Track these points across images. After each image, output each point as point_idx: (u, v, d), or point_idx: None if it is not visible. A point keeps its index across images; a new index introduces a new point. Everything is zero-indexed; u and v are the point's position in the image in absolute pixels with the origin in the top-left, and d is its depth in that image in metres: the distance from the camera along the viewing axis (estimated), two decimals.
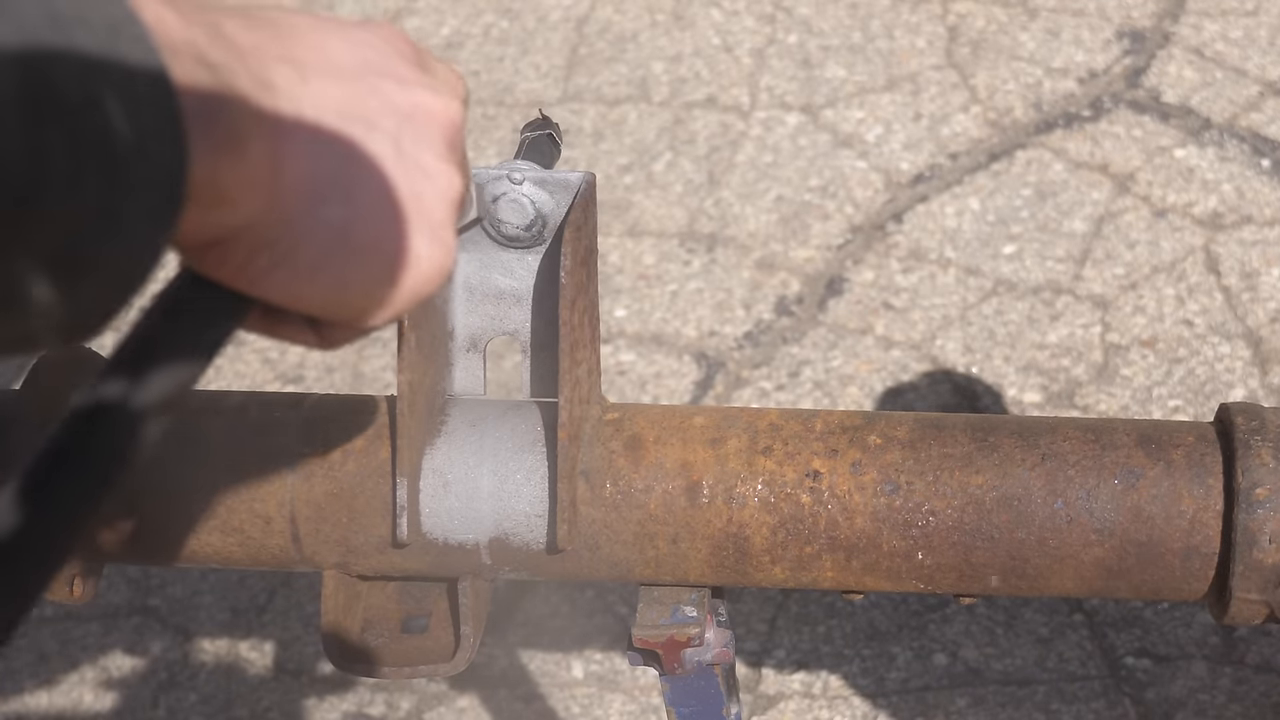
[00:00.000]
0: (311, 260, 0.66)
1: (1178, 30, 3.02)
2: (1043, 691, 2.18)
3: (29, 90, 0.52)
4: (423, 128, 0.71)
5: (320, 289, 0.67)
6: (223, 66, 0.61)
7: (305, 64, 0.66)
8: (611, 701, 2.22)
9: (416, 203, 0.70)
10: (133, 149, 0.55)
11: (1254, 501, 0.98)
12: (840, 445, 1.03)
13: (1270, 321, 2.55)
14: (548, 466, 1.02)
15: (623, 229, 2.80)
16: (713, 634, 1.07)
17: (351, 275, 0.67)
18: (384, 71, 0.70)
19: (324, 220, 0.65)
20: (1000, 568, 1.02)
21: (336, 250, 0.66)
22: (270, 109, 0.63)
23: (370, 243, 0.68)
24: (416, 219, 0.70)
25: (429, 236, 0.70)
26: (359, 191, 0.67)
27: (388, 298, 0.70)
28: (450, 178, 0.72)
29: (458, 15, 3.23)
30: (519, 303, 1.04)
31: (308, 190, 0.64)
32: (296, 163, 0.64)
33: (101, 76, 0.54)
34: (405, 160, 0.69)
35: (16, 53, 0.52)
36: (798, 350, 2.59)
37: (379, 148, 0.68)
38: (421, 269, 0.71)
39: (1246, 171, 2.77)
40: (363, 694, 2.24)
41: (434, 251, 0.71)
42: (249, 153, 0.61)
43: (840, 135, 2.92)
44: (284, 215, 0.64)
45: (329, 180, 0.65)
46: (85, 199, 0.54)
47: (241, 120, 0.61)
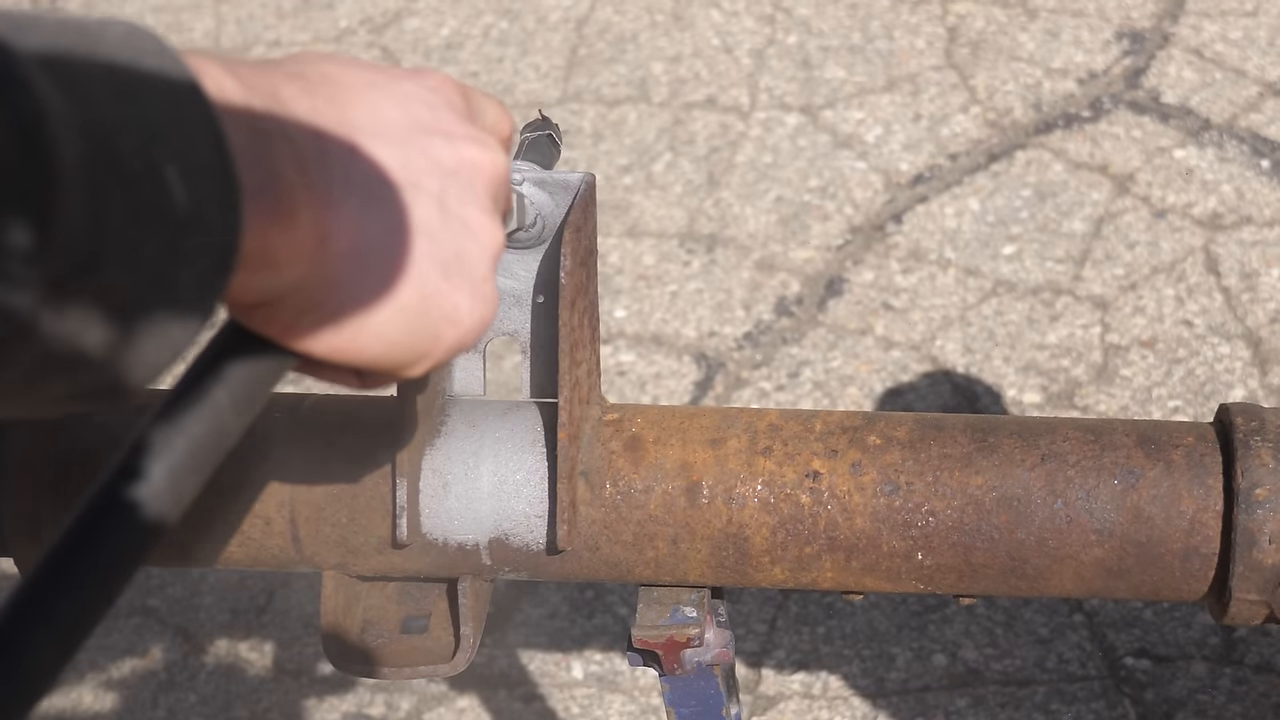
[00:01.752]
0: (356, 321, 0.67)
1: (1177, 31, 3.03)
2: (1043, 691, 2.18)
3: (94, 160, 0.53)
4: (467, 184, 0.72)
5: (364, 347, 0.68)
6: (278, 135, 0.62)
7: (357, 129, 0.67)
8: (611, 701, 2.22)
9: (459, 262, 0.71)
10: (189, 217, 0.56)
11: (1254, 502, 0.98)
12: (840, 446, 1.03)
13: (1270, 322, 2.55)
14: (547, 467, 1.02)
15: (623, 229, 2.80)
16: (712, 634, 1.07)
17: (395, 335, 0.69)
18: (433, 128, 0.72)
19: (369, 283, 0.67)
20: (1000, 568, 1.02)
21: (381, 311, 0.68)
22: (321, 179, 0.64)
23: (414, 303, 0.69)
24: (459, 277, 0.71)
25: (470, 292, 0.72)
26: (404, 254, 0.68)
27: (430, 353, 0.72)
28: (492, 231, 0.74)
29: (458, 16, 3.23)
30: (519, 303, 1.04)
31: (353, 255, 0.66)
32: (344, 230, 0.65)
33: (164, 146, 0.55)
34: (449, 220, 0.71)
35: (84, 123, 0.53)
36: (797, 351, 2.59)
37: (424, 211, 0.70)
38: (463, 325, 0.72)
39: (1246, 172, 2.77)
40: (363, 694, 2.24)
41: (475, 306, 0.73)
42: (299, 221, 0.63)
43: (840, 136, 2.92)
44: (329, 279, 0.65)
45: (375, 244, 0.67)
46: (141, 267, 0.55)
47: (294, 191, 0.62)
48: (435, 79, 0.75)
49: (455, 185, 0.72)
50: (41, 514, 1.03)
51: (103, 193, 0.53)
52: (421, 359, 0.72)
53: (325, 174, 0.65)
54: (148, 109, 0.55)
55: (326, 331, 0.67)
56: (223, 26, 3.27)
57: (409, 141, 0.70)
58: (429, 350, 0.72)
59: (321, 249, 0.64)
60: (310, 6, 3.29)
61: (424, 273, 0.69)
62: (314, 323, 0.66)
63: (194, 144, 0.57)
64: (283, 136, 0.62)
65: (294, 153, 0.63)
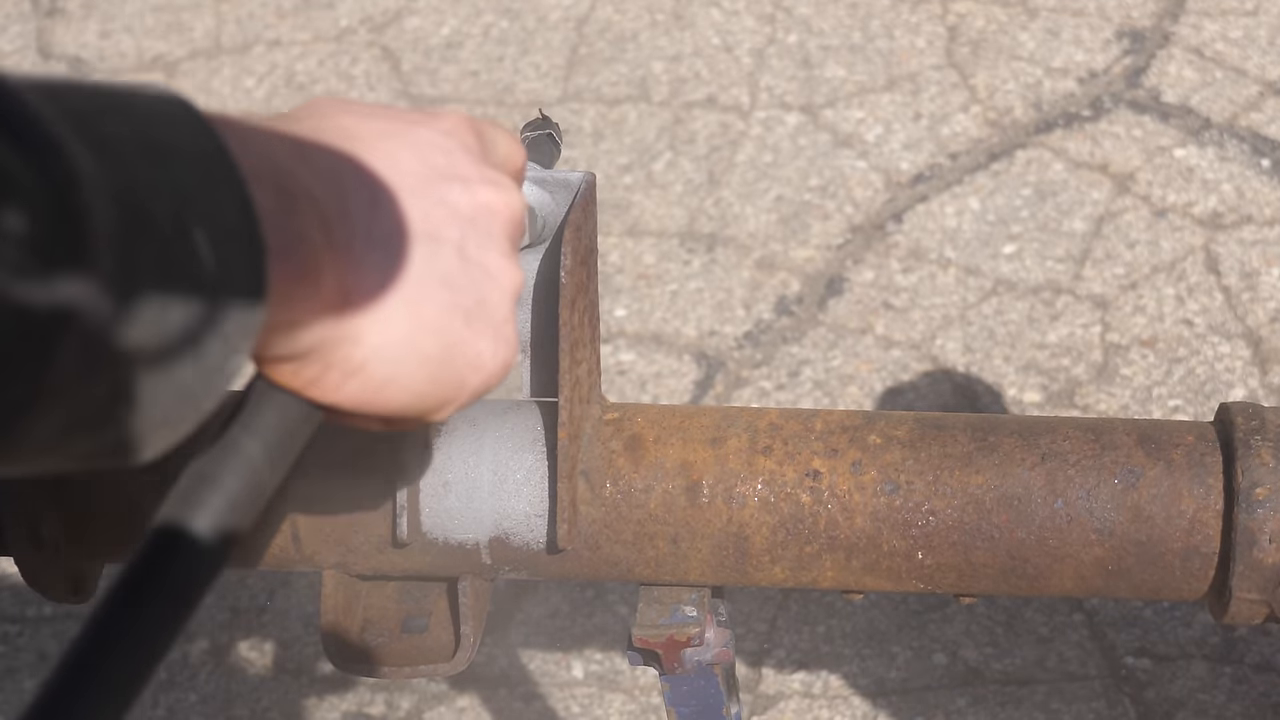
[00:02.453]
0: (381, 375, 0.68)
1: (1178, 30, 3.02)
2: (1043, 691, 2.18)
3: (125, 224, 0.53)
4: (485, 229, 0.73)
5: (391, 399, 0.70)
6: (303, 195, 0.63)
7: (377, 184, 0.68)
8: (611, 701, 2.22)
9: (480, 308, 0.72)
10: (215, 280, 0.57)
11: (1254, 501, 0.98)
12: (840, 445, 1.03)
13: (1270, 321, 2.55)
14: (547, 466, 1.02)
15: (623, 229, 2.80)
16: (713, 634, 1.07)
17: (420, 385, 0.70)
18: (450, 175, 0.72)
19: (393, 337, 0.68)
20: (1000, 567, 1.02)
21: (406, 364, 0.69)
22: (344, 238, 0.65)
23: (438, 353, 0.70)
24: (481, 323, 0.73)
25: (493, 336, 0.74)
26: (426, 306, 0.69)
27: (455, 398, 0.73)
28: (511, 274, 0.75)
29: (458, 15, 3.23)
30: (519, 303, 1.04)
31: (377, 310, 0.67)
32: (366, 288, 0.66)
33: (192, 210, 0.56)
34: (470, 267, 0.72)
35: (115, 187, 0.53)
36: (798, 350, 2.59)
37: (445, 261, 0.71)
38: (487, 369, 0.74)
39: (1246, 171, 2.77)
40: (363, 694, 2.24)
41: (499, 350, 0.74)
42: (322, 281, 0.64)
43: (840, 135, 2.92)
44: (354, 334, 0.66)
45: (397, 300, 0.68)
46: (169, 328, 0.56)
47: (318, 251, 0.63)
48: (449, 121, 0.75)
49: (474, 232, 0.72)
50: (41, 514, 1.03)
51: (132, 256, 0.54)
52: (446, 404, 0.73)
53: (348, 232, 0.66)
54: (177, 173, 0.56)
55: (352, 385, 0.68)
56: (223, 26, 3.27)
57: (428, 192, 0.71)
58: (454, 396, 0.73)
59: (345, 306, 0.65)
60: (310, 6, 3.29)
61: (447, 322, 0.70)
62: (340, 377, 0.67)
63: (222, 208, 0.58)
64: (307, 197, 0.63)
65: (318, 212, 0.64)
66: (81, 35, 3.28)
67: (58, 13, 3.33)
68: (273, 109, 3.08)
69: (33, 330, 0.51)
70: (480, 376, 0.73)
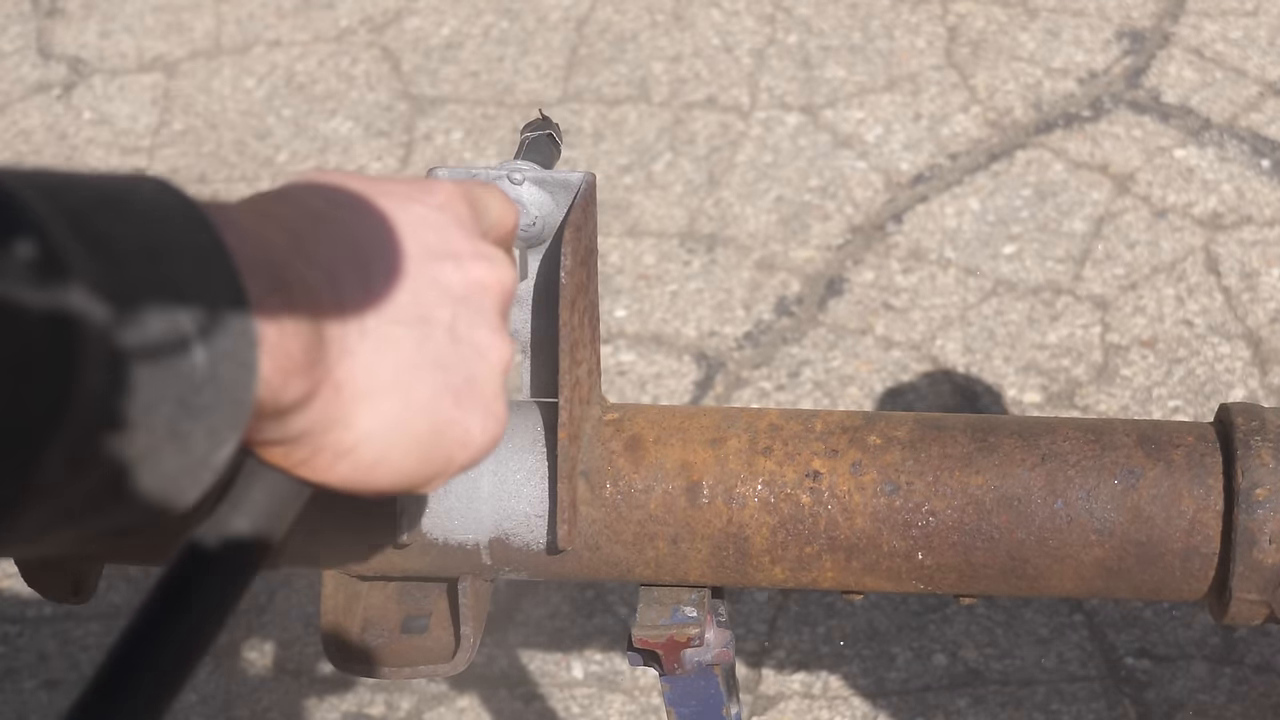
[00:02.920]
0: (371, 457, 0.69)
1: (1178, 30, 3.02)
2: (1043, 691, 2.18)
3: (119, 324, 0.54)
4: (477, 306, 0.74)
5: (379, 478, 0.70)
6: (298, 286, 0.63)
7: (370, 268, 0.69)
8: (611, 701, 2.22)
9: (470, 386, 0.73)
10: (206, 376, 0.57)
11: (1254, 502, 0.98)
12: (840, 445, 1.03)
13: (1270, 321, 2.55)
14: (548, 467, 1.02)
15: (623, 229, 2.80)
16: (713, 634, 1.07)
17: (409, 465, 0.71)
18: (442, 253, 0.73)
19: (382, 421, 0.68)
20: (1000, 568, 1.02)
21: (395, 446, 0.70)
22: (337, 329, 0.66)
23: (427, 434, 0.71)
24: (470, 401, 0.73)
25: (482, 413, 0.74)
26: (416, 390, 0.70)
27: (443, 473, 0.74)
28: (500, 349, 0.75)
29: (458, 15, 3.23)
30: (519, 303, 1.04)
31: (367, 397, 0.68)
32: (357, 375, 0.67)
33: (187, 308, 0.57)
34: (460, 346, 0.72)
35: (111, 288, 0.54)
36: (798, 350, 2.59)
37: (436, 343, 0.71)
38: (475, 445, 0.74)
39: (1246, 171, 2.77)
40: (363, 694, 2.24)
41: (488, 425, 0.74)
42: (314, 372, 0.64)
43: (840, 135, 2.92)
44: (343, 420, 0.67)
45: (388, 384, 0.68)
46: (157, 426, 0.56)
47: (310, 345, 0.64)
48: (442, 194, 0.75)
49: (465, 310, 0.73)
50: None
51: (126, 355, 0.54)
52: (434, 479, 0.74)
53: (341, 322, 0.66)
54: (174, 271, 0.57)
55: (343, 466, 0.68)
56: (223, 26, 3.27)
57: (421, 273, 0.71)
58: (442, 471, 0.73)
59: (335, 395, 0.66)
60: (310, 6, 3.29)
61: (437, 403, 0.71)
62: (330, 459, 0.68)
63: (217, 305, 0.58)
64: (302, 287, 0.64)
65: (311, 304, 0.64)
66: (81, 35, 3.28)
67: (58, 13, 3.33)
68: (273, 109, 3.08)
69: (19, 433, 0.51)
70: (468, 453, 0.74)
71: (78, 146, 3.06)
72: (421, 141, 3.00)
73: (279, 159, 3.00)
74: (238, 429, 0.60)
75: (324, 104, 3.09)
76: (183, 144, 3.05)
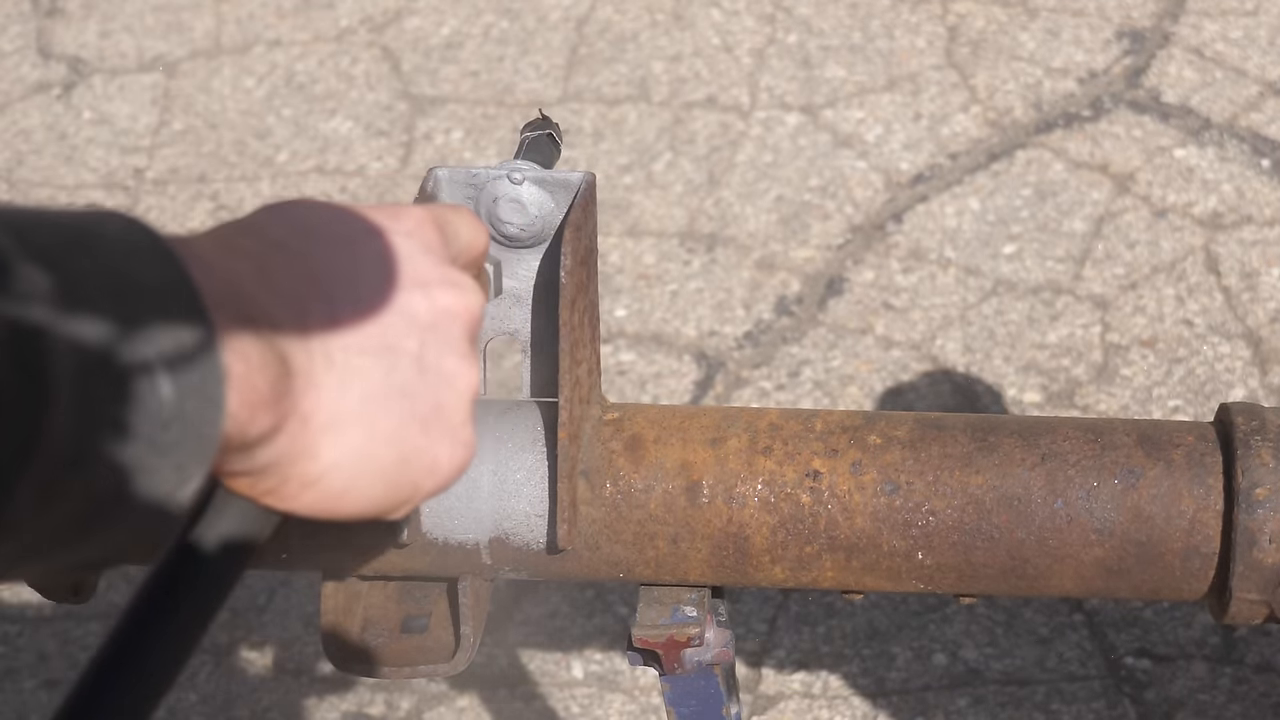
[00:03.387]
0: (338, 486, 0.69)
1: (1178, 30, 3.03)
2: (1043, 691, 2.18)
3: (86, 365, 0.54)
4: (444, 335, 0.73)
5: (346, 506, 0.70)
6: (263, 320, 0.63)
7: (337, 300, 0.69)
8: (611, 701, 2.22)
9: (437, 414, 0.73)
10: (174, 413, 0.58)
11: (1254, 501, 0.98)
12: (840, 445, 1.03)
13: (1270, 321, 2.55)
14: (548, 466, 1.02)
15: (623, 229, 2.80)
16: (713, 634, 1.07)
17: (376, 493, 0.71)
18: (410, 282, 0.72)
19: (349, 451, 0.68)
20: (1000, 567, 1.02)
21: (361, 476, 0.70)
22: (304, 363, 0.66)
23: (394, 463, 0.71)
24: (437, 429, 0.73)
25: (449, 441, 0.74)
26: (383, 420, 0.70)
27: (409, 501, 0.74)
28: (468, 376, 0.75)
29: (458, 15, 3.23)
30: (519, 303, 1.04)
31: (333, 428, 0.68)
32: (323, 407, 0.67)
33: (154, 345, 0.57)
34: (427, 375, 0.72)
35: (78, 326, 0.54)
36: (798, 350, 2.59)
37: (402, 374, 0.71)
38: (442, 473, 0.74)
39: (1246, 171, 2.77)
40: (363, 694, 2.24)
41: (455, 453, 0.74)
42: (280, 407, 0.64)
43: (840, 135, 2.92)
44: (309, 451, 0.67)
45: (354, 415, 0.68)
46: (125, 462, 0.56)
47: (276, 379, 0.64)
48: (410, 221, 0.75)
49: (433, 338, 0.73)
50: None
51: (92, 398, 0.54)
52: (401, 506, 0.73)
53: (308, 356, 0.66)
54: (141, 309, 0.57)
55: (309, 495, 0.68)
56: (223, 26, 3.27)
57: (387, 303, 0.71)
58: (409, 499, 0.73)
59: (302, 427, 0.66)
60: (310, 6, 3.29)
61: (403, 433, 0.71)
62: (295, 489, 0.68)
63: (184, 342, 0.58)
64: (268, 322, 0.64)
65: (277, 337, 0.64)
66: (81, 35, 3.28)
67: (58, 13, 3.33)
68: (273, 109, 3.08)
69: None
70: (435, 480, 0.74)
71: (78, 146, 3.06)
72: (421, 141, 3.00)
73: (279, 159, 3.00)
74: (205, 464, 0.60)
75: (324, 104, 3.09)
76: (183, 144, 3.05)
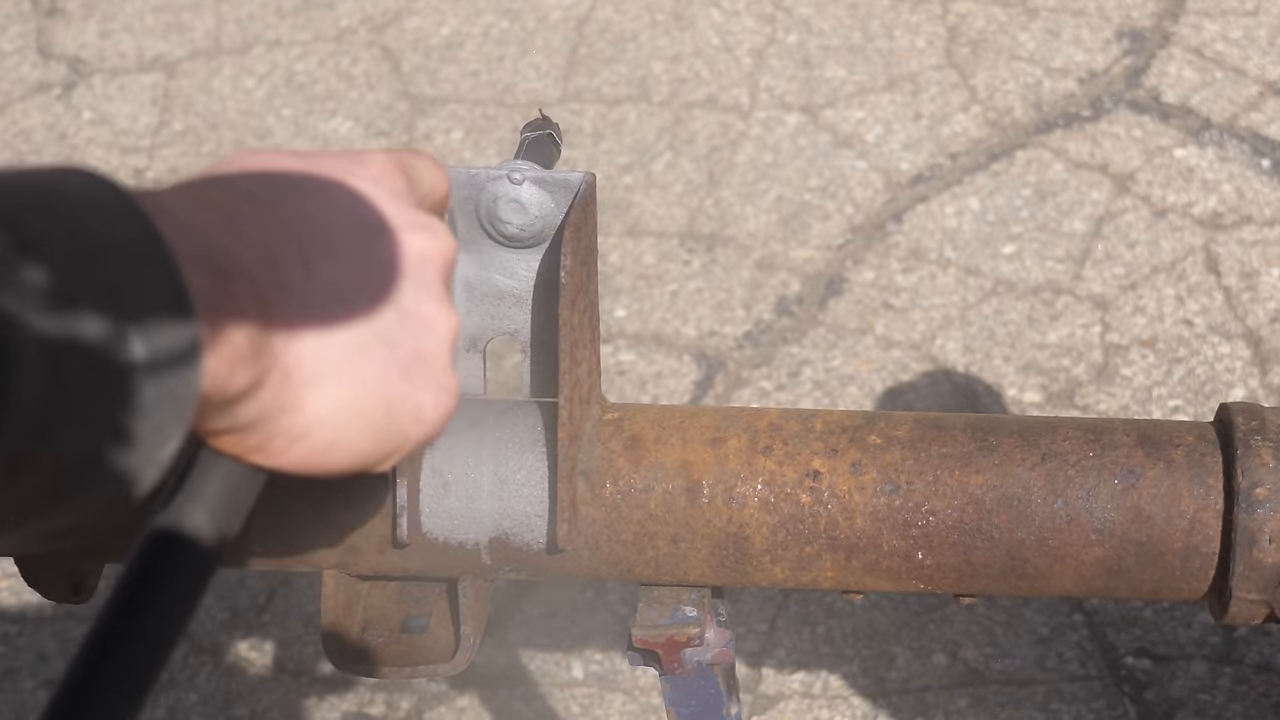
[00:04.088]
0: (325, 439, 0.68)
1: (1178, 30, 3.02)
2: (1043, 691, 2.18)
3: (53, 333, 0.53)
4: (420, 278, 0.72)
5: (333, 460, 0.69)
6: (238, 274, 0.62)
7: (311, 250, 0.67)
8: (611, 701, 2.22)
9: (419, 359, 0.72)
10: (147, 374, 0.56)
11: (1254, 501, 0.98)
12: (840, 445, 1.03)
13: (1270, 321, 2.55)
14: (548, 466, 1.02)
15: (623, 229, 2.80)
16: (713, 634, 1.07)
17: (363, 445, 0.70)
18: (381, 227, 0.71)
19: (332, 403, 0.67)
20: (1000, 567, 1.02)
21: (348, 427, 0.68)
22: (281, 314, 0.64)
23: (379, 412, 0.70)
24: (420, 375, 0.72)
25: (434, 386, 0.73)
26: (365, 368, 0.69)
27: (398, 451, 0.73)
28: (446, 319, 0.73)
29: (458, 15, 3.23)
30: (519, 303, 1.04)
31: (315, 379, 0.66)
32: (304, 358, 0.66)
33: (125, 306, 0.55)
34: (406, 320, 0.71)
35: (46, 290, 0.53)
36: (798, 350, 2.59)
37: (382, 320, 0.70)
38: (429, 420, 0.73)
39: (1246, 171, 2.77)
40: (363, 694, 2.24)
41: (440, 399, 0.73)
42: (260, 360, 0.63)
43: (840, 135, 2.92)
44: (293, 405, 0.66)
45: (337, 366, 0.67)
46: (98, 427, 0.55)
47: (254, 333, 0.62)
48: (375, 166, 0.74)
49: (409, 283, 0.71)
50: None
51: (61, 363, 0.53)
52: (390, 457, 0.72)
53: (284, 306, 0.64)
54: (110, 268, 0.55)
55: (296, 450, 0.67)
56: (223, 26, 3.27)
57: (361, 250, 0.70)
58: (398, 449, 0.72)
59: (284, 381, 0.64)
60: (310, 6, 3.29)
61: (386, 381, 0.70)
62: (282, 445, 0.66)
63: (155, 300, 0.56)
64: (241, 274, 0.62)
65: (253, 289, 0.62)
66: (81, 35, 3.28)
67: (58, 13, 3.33)
68: (273, 109, 3.08)
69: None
70: (422, 428, 0.73)
71: (78, 146, 3.06)
72: (421, 141, 3.00)
73: None
74: (183, 424, 0.59)
75: (324, 104, 3.09)
76: (183, 144, 3.05)
